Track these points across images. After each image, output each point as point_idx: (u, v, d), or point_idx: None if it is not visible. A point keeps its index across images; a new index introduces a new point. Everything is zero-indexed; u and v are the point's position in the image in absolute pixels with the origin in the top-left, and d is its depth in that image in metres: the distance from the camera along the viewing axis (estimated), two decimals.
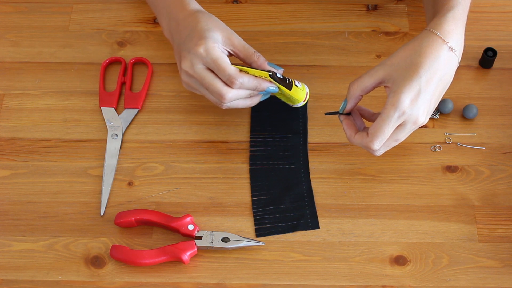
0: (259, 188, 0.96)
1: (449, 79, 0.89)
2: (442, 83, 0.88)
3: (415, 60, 0.86)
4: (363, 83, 0.89)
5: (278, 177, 0.97)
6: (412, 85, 0.85)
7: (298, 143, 0.99)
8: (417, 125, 0.88)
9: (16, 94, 1.05)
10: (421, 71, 0.86)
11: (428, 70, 0.86)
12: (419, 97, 0.86)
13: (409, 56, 0.87)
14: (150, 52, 1.08)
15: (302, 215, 0.94)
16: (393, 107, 0.85)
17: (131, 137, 1.01)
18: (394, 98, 0.85)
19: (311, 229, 0.93)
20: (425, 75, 0.86)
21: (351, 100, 0.91)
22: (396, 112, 0.85)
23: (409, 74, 0.86)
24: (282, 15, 1.11)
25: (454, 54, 0.88)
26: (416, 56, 0.86)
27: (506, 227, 0.94)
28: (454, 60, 0.88)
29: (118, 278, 0.92)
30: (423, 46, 0.87)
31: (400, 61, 0.87)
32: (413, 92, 0.85)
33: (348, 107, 0.91)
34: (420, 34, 0.88)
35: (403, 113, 0.86)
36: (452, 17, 0.88)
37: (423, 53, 0.86)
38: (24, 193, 0.97)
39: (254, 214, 0.94)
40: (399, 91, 0.85)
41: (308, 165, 0.98)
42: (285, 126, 1.00)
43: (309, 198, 0.95)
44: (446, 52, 0.87)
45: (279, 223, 0.94)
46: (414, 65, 0.86)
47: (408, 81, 0.85)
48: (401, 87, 0.85)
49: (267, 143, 0.99)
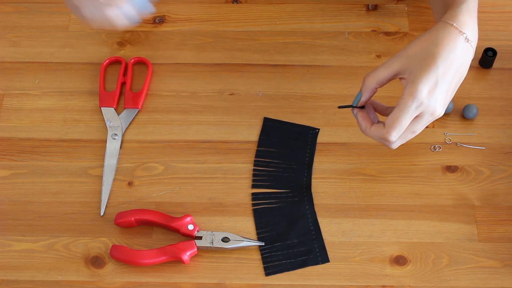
0: (264, 224, 0.94)
1: (465, 70, 0.89)
2: (459, 74, 0.87)
3: (432, 50, 0.85)
4: (379, 75, 0.88)
5: (282, 212, 0.95)
6: (430, 76, 0.84)
7: (302, 175, 0.98)
8: (434, 116, 0.87)
9: (16, 94, 1.05)
10: (438, 61, 0.85)
11: (445, 61, 0.85)
12: (436, 88, 0.85)
13: (425, 47, 0.86)
14: (150, 52, 1.08)
15: (311, 250, 0.92)
16: (411, 97, 0.84)
17: (131, 137, 1.01)
18: (412, 88, 0.84)
19: (321, 263, 0.92)
20: (442, 65, 0.85)
21: (366, 93, 0.89)
22: (414, 102, 0.84)
23: (426, 64, 0.85)
24: (282, 15, 1.11)
25: (470, 45, 0.87)
26: (432, 46, 0.86)
27: (506, 227, 0.94)
28: (470, 51, 0.88)
29: (118, 278, 0.92)
30: (439, 37, 0.86)
31: (416, 52, 0.86)
32: (431, 82, 0.85)
33: (362, 100, 0.90)
34: (436, 26, 0.88)
35: (421, 104, 0.85)
36: (466, 8, 0.88)
37: (439, 43, 0.86)
38: (24, 193, 0.97)
39: (261, 252, 0.92)
40: (417, 82, 0.84)
41: (312, 197, 0.96)
42: (291, 155, 0.99)
43: (316, 231, 0.94)
44: (463, 43, 0.86)
45: (288, 259, 0.92)
46: (431, 56, 0.85)
47: (426, 72, 0.85)
48: (418, 77, 0.85)
49: (270, 173, 0.98)
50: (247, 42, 1.09)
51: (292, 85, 1.05)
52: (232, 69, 1.07)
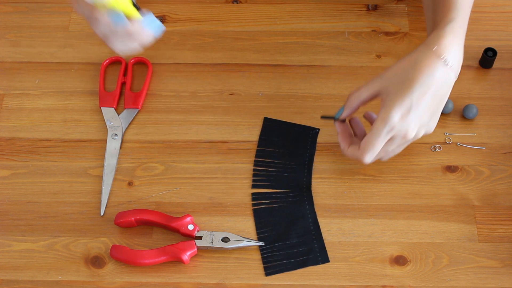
0: (264, 224, 0.94)
1: (444, 93, 0.89)
2: (437, 98, 0.88)
3: (410, 74, 0.87)
4: (361, 95, 0.91)
5: (282, 212, 0.95)
6: (404, 101, 0.86)
7: (302, 175, 0.98)
8: (407, 139, 0.89)
9: (16, 94, 1.05)
10: (414, 86, 0.86)
11: (421, 86, 0.87)
12: (410, 113, 0.87)
13: (404, 70, 0.88)
14: (150, 52, 1.08)
15: (311, 250, 0.92)
16: (382, 122, 0.87)
17: (131, 137, 1.01)
18: (384, 113, 0.87)
19: (321, 263, 0.92)
20: (418, 90, 0.86)
21: (348, 110, 0.93)
22: (386, 127, 0.87)
23: (402, 89, 0.87)
24: (282, 15, 1.11)
25: (450, 68, 0.88)
26: (411, 70, 0.87)
27: (506, 227, 0.94)
28: (450, 74, 0.88)
29: (118, 278, 0.92)
30: (418, 60, 0.87)
31: (396, 75, 0.88)
32: (404, 107, 0.87)
33: (343, 116, 0.93)
34: (417, 48, 0.89)
35: (392, 128, 0.87)
36: (450, 30, 0.88)
37: (418, 68, 0.87)
38: (24, 193, 0.97)
39: (261, 252, 0.93)
40: (390, 106, 0.87)
41: (312, 196, 0.96)
42: (291, 155, 0.99)
43: (316, 231, 0.94)
44: (442, 68, 0.87)
45: (288, 259, 0.92)
46: (408, 80, 0.87)
47: (400, 97, 0.87)
48: (393, 101, 0.87)
49: (270, 173, 0.98)
50: (247, 42, 1.09)
51: (292, 85, 1.05)
52: (232, 69, 1.07)
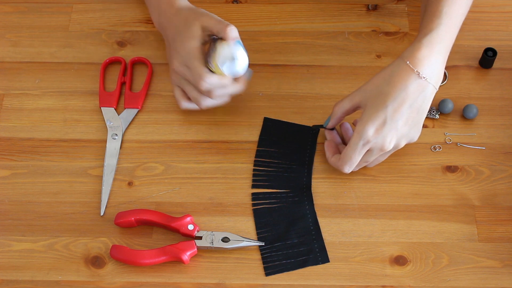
0: (264, 224, 0.94)
1: (422, 105, 0.90)
2: (414, 110, 0.89)
3: (384, 89, 0.89)
4: (344, 105, 0.94)
5: (282, 212, 0.95)
6: (378, 115, 0.89)
7: (302, 175, 0.98)
8: (384, 151, 0.91)
9: (16, 94, 1.05)
10: (387, 101, 0.88)
11: (395, 100, 0.88)
12: (384, 126, 0.89)
13: (379, 84, 0.90)
14: (150, 52, 1.08)
15: (311, 250, 0.92)
16: (358, 136, 0.90)
17: (131, 137, 1.01)
18: (360, 127, 0.90)
19: (321, 263, 0.92)
20: (391, 104, 0.88)
21: (333, 120, 0.96)
22: (361, 140, 0.90)
23: (377, 103, 0.89)
24: (282, 15, 1.11)
25: (426, 81, 0.88)
26: (385, 85, 0.89)
27: (506, 227, 0.94)
28: (427, 86, 0.89)
29: (118, 278, 0.92)
30: (392, 74, 0.89)
31: (372, 89, 0.90)
32: (378, 121, 0.89)
33: (329, 125, 0.97)
34: (394, 62, 0.90)
35: (367, 142, 0.90)
36: (427, 42, 0.89)
37: (391, 82, 0.89)
38: (24, 193, 0.97)
39: (261, 252, 0.93)
40: (365, 121, 0.89)
41: (312, 197, 0.96)
42: (291, 155, 0.99)
43: (316, 231, 0.94)
44: (416, 80, 0.88)
45: (288, 259, 0.92)
46: (382, 95, 0.89)
47: (375, 110, 0.89)
48: (368, 116, 0.89)
49: (270, 173, 0.98)
50: (247, 42, 1.08)
51: (292, 85, 1.05)
52: None
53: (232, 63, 0.91)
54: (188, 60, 0.93)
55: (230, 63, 0.91)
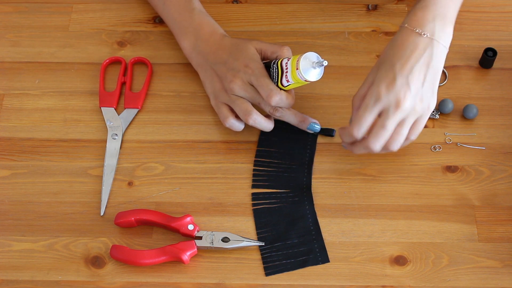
0: (264, 224, 0.94)
1: (431, 62, 0.90)
2: (424, 67, 0.90)
3: (389, 53, 0.91)
4: (360, 93, 0.92)
5: (282, 212, 0.95)
6: (387, 75, 0.89)
7: (302, 175, 0.98)
8: (400, 108, 0.88)
9: (16, 94, 1.05)
10: (393, 60, 0.90)
11: (400, 58, 0.89)
12: (395, 82, 0.88)
13: (385, 53, 0.91)
14: (150, 52, 1.08)
15: (311, 250, 0.93)
16: (369, 95, 0.89)
17: (131, 137, 1.01)
18: (371, 89, 0.89)
19: (321, 263, 0.92)
20: (398, 62, 0.89)
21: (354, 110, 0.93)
22: (372, 97, 0.89)
23: (385, 67, 0.90)
24: (282, 15, 1.11)
25: (429, 38, 0.90)
26: (390, 50, 0.91)
27: (506, 227, 0.94)
28: (432, 42, 0.90)
29: (118, 278, 0.92)
30: (395, 40, 0.91)
31: (380, 61, 0.91)
32: (388, 78, 0.89)
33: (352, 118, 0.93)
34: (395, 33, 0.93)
35: (378, 98, 0.88)
36: (420, 7, 0.91)
37: (395, 45, 0.91)
38: (24, 193, 0.97)
39: (261, 252, 0.93)
40: (375, 82, 0.89)
41: (312, 196, 0.96)
42: (291, 155, 0.99)
43: (316, 231, 0.94)
44: (417, 38, 0.90)
45: (288, 260, 0.92)
46: (388, 59, 0.90)
47: (383, 71, 0.89)
48: (378, 78, 0.89)
49: (270, 173, 0.98)
50: None
51: None
52: None
53: (316, 68, 0.91)
54: (255, 79, 0.95)
55: (314, 69, 0.91)
